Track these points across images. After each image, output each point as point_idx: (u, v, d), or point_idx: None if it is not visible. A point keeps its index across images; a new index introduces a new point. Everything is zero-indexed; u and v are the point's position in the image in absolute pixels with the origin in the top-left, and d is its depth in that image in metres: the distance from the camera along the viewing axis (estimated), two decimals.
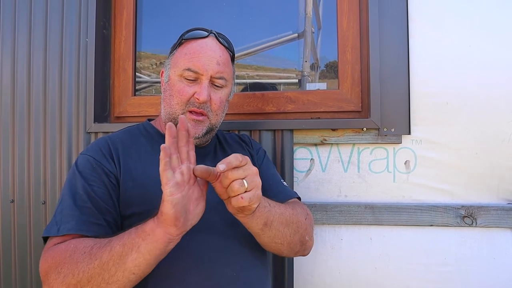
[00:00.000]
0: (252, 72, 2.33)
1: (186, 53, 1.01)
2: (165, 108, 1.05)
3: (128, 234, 0.77)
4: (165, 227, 0.73)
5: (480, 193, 1.32)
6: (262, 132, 1.39)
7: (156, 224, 0.74)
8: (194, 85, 1.00)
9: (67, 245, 0.82)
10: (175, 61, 1.04)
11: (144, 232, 0.75)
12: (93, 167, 0.94)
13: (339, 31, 1.44)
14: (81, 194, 0.90)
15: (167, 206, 0.71)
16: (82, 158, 0.97)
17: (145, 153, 1.02)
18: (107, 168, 0.94)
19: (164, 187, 0.71)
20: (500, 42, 1.30)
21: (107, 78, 1.56)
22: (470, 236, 1.31)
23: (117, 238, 0.78)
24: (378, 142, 1.35)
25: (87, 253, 0.78)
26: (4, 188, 1.54)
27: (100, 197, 0.90)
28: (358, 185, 1.37)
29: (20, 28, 1.55)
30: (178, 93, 1.01)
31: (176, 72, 1.02)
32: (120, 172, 0.95)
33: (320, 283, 1.37)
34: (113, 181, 0.93)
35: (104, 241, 0.79)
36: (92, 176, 0.92)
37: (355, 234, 1.36)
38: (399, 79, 1.33)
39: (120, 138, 1.04)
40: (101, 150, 0.97)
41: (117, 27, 1.58)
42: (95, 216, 0.88)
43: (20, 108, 1.54)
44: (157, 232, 0.74)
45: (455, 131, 1.32)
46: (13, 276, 1.53)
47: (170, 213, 0.71)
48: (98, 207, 0.89)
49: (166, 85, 1.05)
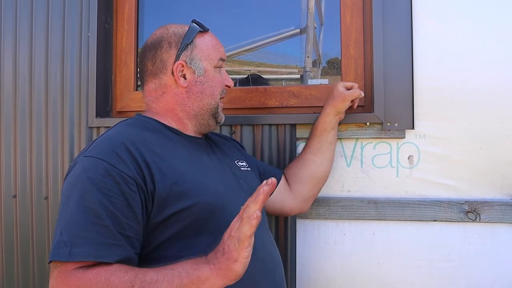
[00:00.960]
0: (253, 68, 2.32)
1: (213, 44, 1.06)
2: (204, 100, 1.04)
3: (178, 278, 0.73)
4: (226, 280, 0.73)
5: (484, 188, 1.31)
6: (265, 127, 1.38)
7: (215, 275, 0.72)
8: (221, 73, 1.08)
9: (96, 276, 0.73)
10: (205, 53, 1.04)
11: (199, 280, 0.73)
12: (108, 174, 0.80)
13: (342, 26, 1.43)
14: (96, 209, 0.77)
15: (240, 266, 0.71)
16: (91, 162, 0.83)
17: (162, 148, 0.93)
18: (125, 174, 0.81)
19: (243, 250, 0.70)
20: (505, 38, 1.29)
21: (109, 72, 1.56)
22: (474, 231, 1.30)
23: (166, 280, 0.73)
24: (382, 137, 1.34)
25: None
26: (6, 183, 1.54)
27: (119, 211, 0.79)
28: (361, 180, 1.37)
29: (21, 23, 1.55)
30: (219, 83, 1.06)
31: (211, 63, 1.04)
32: (150, 174, 0.84)
33: (323, 278, 1.37)
34: (133, 189, 0.81)
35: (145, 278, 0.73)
36: (107, 185, 0.80)
37: (358, 229, 1.36)
38: (402, 74, 1.32)
39: (135, 135, 0.92)
40: (115, 152, 0.84)
41: (118, 21, 1.58)
42: (114, 237, 0.77)
43: (21, 103, 1.54)
44: (214, 282, 0.73)
45: (459, 126, 1.31)
46: (16, 271, 1.53)
47: (240, 273, 0.72)
48: (118, 223, 0.78)
49: (201, 78, 1.03)
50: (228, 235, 0.73)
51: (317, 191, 1.28)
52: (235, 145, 1.26)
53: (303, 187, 1.25)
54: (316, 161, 1.23)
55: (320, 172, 1.25)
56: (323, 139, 1.24)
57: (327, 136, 1.24)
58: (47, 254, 1.47)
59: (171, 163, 0.90)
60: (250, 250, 0.71)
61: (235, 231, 0.72)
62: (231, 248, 0.71)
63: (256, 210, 0.69)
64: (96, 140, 0.92)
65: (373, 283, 1.34)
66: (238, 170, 1.10)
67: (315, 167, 1.24)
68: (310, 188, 1.25)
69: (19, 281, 1.52)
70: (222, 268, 0.72)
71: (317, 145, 1.24)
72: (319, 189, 1.29)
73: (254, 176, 1.16)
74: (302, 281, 1.38)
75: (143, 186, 0.83)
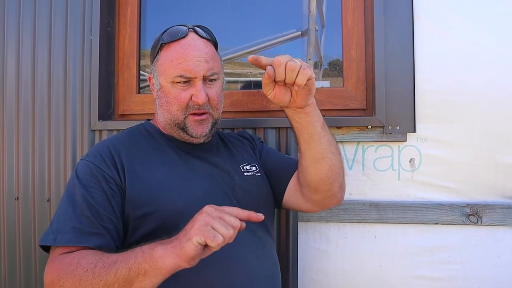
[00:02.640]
0: (254, 70, 2.32)
1: (172, 59, 0.99)
2: (163, 114, 1.04)
3: (134, 258, 0.76)
4: (177, 260, 0.73)
5: (486, 191, 1.31)
6: (267, 130, 1.39)
7: (169, 253, 0.74)
8: (189, 87, 0.99)
9: (72, 259, 0.81)
10: (162, 69, 1.01)
11: (152, 258, 0.74)
12: (92, 173, 0.92)
13: (344, 29, 1.43)
14: (80, 202, 0.89)
15: (191, 247, 0.72)
16: (82, 164, 0.96)
17: (147, 153, 1.02)
18: (107, 174, 0.93)
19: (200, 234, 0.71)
20: (505, 40, 1.30)
21: (111, 75, 1.56)
22: (475, 234, 1.31)
23: (123, 260, 0.77)
24: (383, 140, 1.35)
25: (89, 271, 0.78)
26: (9, 185, 1.55)
27: (99, 204, 0.89)
28: (362, 183, 1.37)
29: (24, 26, 1.55)
30: (175, 100, 1.00)
31: (167, 79, 1.00)
32: (124, 176, 0.94)
33: (325, 281, 1.37)
34: (113, 187, 0.92)
35: (108, 259, 0.79)
36: (91, 183, 0.91)
37: (360, 232, 1.36)
38: (404, 77, 1.33)
39: (121, 141, 1.03)
40: (100, 155, 0.96)
41: (121, 24, 1.58)
42: (94, 226, 0.87)
43: (24, 106, 1.54)
44: (167, 261, 0.74)
45: (460, 129, 1.31)
46: (18, 272, 1.53)
47: (191, 254, 0.72)
48: (98, 215, 0.88)
49: (159, 93, 1.04)
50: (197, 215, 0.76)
51: (322, 196, 1.06)
52: (249, 144, 1.20)
53: (306, 191, 1.08)
54: (303, 164, 1.03)
55: (309, 176, 1.03)
56: (299, 140, 1.02)
57: (298, 135, 1.01)
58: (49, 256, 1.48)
59: (149, 168, 0.97)
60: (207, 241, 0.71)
61: (205, 217, 0.74)
62: (191, 227, 0.73)
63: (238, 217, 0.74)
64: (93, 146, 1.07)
65: (374, 285, 1.34)
66: (240, 176, 1.08)
67: (304, 171, 1.04)
68: (312, 193, 1.07)
69: (21, 282, 1.53)
70: (176, 246, 0.74)
71: (300, 147, 1.03)
72: (324, 194, 1.06)
73: (260, 181, 1.11)
74: (303, 283, 1.38)
75: (121, 185, 0.93)
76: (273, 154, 1.21)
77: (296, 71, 0.83)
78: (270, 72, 0.84)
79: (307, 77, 0.84)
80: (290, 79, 0.85)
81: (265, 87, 0.90)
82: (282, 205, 1.14)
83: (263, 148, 1.22)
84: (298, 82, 0.84)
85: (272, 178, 1.13)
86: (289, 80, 0.85)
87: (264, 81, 0.88)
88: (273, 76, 0.85)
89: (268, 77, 0.85)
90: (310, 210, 1.13)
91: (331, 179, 1.02)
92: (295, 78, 0.84)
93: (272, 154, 1.21)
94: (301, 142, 1.00)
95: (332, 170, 1.01)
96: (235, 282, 0.92)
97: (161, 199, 0.93)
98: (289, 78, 0.85)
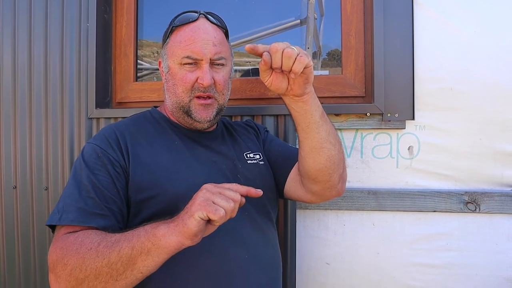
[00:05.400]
0: (253, 60, 2.30)
1: (181, 40, 1.01)
2: (170, 97, 1.05)
3: (137, 237, 0.77)
4: (180, 237, 0.74)
5: (484, 179, 1.31)
6: (265, 117, 1.38)
7: (171, 231, 0.74)
8: (196, 70, 1.00)
9: (76, 238, 0.82)
10: (171, 51, 1.03)
11: (155, 236, 0.75)
12: (98, 156, 0.94)
13: (343, 16, 1.42)
14: (86, 184, 0.90)
15: (194, 223, 0.72)
16: (88, 147, 0.97)
17: (151, 139, 1.02)
18: (112, 157, 0.94)
19: (203, 209, 0.72)
20: (505, 29, 1.29)
21: (108, 63, 1.55)
22: (473, 222, 1.31)
23: (126, 239, 0.77)
24: (382, 128, 1.34)
25: (93, 249, 0.78)
26: (7, 174, 1.54)
27: (104, 186, 0.90)
28: (361, 171, 1.37)
29: (20, 13, 1.54)
30: (181, 81, 1.01)
31: (175, 61, 1.02)
32: (128, 160, 0.95)
33: (323, 268, 1.38)
34: (118, 170, 0.93)
35: (111, 239, 0.79)
36: (97, 165, 0.92)
37: (358, 219, 1.36)
38: (403, 64, 1.32)
39: (127, 126, 1.04)
40: (106, 139, 0.97)
41: (118, 11, 1.57)
42: (99, 207, 0.88)
43: (21, 94, 1.53)
44: (170, 239, 0.74)
45: (459, 117, 1.31)
46: (17, 260, 1.53)
47: (193, 230, 0.72)
48: (103, 196, 0.89)
49: (167, 75, 1.05)
50: (197, 192, 0.77)
51: (321, 186, 1.04)
52: (253, 133, 1.21)
53: (306, 182, 1.06)
54: (301, 153, 1.01)
55: (307, 165, 1.01)
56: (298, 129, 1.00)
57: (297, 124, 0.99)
58: (48, 244, 1.48)
59: (153, 152, 0.99)
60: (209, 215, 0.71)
61: (205, 193, 0.75)
62: (192, 204, 0.74)
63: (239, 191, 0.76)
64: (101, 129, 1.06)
65: (372, 273, 1.35)
66: (243, 163, 1.08)
67: (302, 160, 1.02)
68: (311, 183, 1.04)
69: (20, 270, 1.53)
70: (178, 224, 0.74)
71: (299, 136, 1.02)
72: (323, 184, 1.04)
73: (263, 169, 1.11)
74: (302, 271, 1.38)
75: (126, 168, 0.94)
76: (276, 143, 1.21)
77: (293, 58, 0.82)
78: (267, 58, 0.83)
79: (303, 65, 0.83)
80: (286, 66, 0.83)
81: (262, 73, 0.89)
82: (284, 194, 1.14)
83: (267, 137, 1.23)
84: (294, 70, 0.83)
85: (275, 168, 1.14)
86: (285, 67, 0.83)
87: (261, 67, 0.86)
88: (270, 62, 0.84)
89: (264, 64, 0.84)
90: (311, 201, 1.11)
91: (329, 169, 1.00)
92: (291, 65, 0.83)
93: (276, 144, 1.20)
94: (299, 131, 0.99)
95: (331, 161, 0.99)
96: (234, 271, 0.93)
97: (163, 184, 0.94)
98: (286, 65, 0.83)
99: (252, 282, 0.95)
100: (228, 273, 0.92)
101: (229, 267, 0.92)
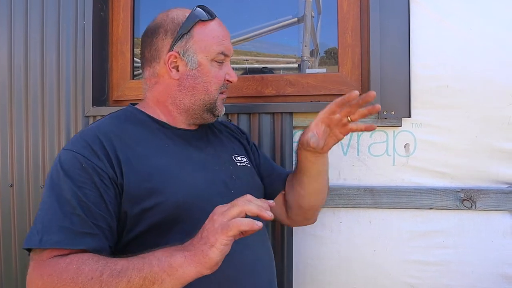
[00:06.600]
0: (251, 58, 2.30)
1: (214, 36, 0.97)
2: (195, 95, 0.98)
3: (149, 266, 0.70)
4: (200, 268, 0.69)
5: (480, 176, 1.31)
6: (261, 115, 1.38)
7: (189, 261, 0.69)
8: (222, 67, 1.01)
9: (68, 264, 0.72)
10: (203, 45, 0.97)
11: (170, 267, 0.70)
12: (82, 166, 0.81)
13: (339, 13, 1.42)
14: (69, 199, 0.78)
15: (216, 253, 0.68)
16: (67, 154, 0.84)
17: (141, 141, 0.93)
18: (98, 167, 0.82)
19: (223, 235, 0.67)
20: (501, 26, 1.29)
21: (105, 61, 1.55)
22: (469, 219, 1.31)
23: (135, 268, 0.71)
24: (378, 125, 1.33)
25: (95, 279, 0.70)
26: (3, 172, 1.54)
27: (92, 202, 0.79)
28: (357, 168, 1.37)
29: (16, 11, 1.53)
30: (216, 79, 0.99)
31: (208, 57, 0.97)
32: (120, 170, 0.84)
33: (320, 266, 1.38)
34: (105, 182, 0.82)
35: (115, 267, 0.71)
36: (81, 178, 0.81)
37: (354, 217, 1.36)
38: (399, 62, 1.32)
39: (110, 128, 0.92)
40: (89, 146, 0.85)
41: (114, 9, 1.56)
42: (87, 225, 0.77)
43: (17, 92, 1.53)
44: (188, 269, 0.69)
45: (455, 114, 1.31)
46: (13, 259, 1.53)
47: (216, 260, 0.69)
48: (90, 213, 0.78)
49: (194, 72, 0.97)
50: (209, 219, 0.72)
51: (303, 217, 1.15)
52: (241, 137, 1.20)
53: (292, 211, 1.13)
54: (300, 192, 1.07)
55: (305, 203, 1.09)
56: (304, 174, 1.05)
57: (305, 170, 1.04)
58: None
59: (145, 158, 0.89)
60: (231, 239, 0.68)
61: (218, 215, 0.71)
62: (209, 233, 0.69)
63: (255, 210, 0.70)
64: (78, 133, 0.94)
65: (369, 270, 1.35)
66: (234, 166, 1.05)
67: (300, 198, 1.08)
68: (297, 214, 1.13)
69: (17, 269, 1.53)
70: (197, 254, 0.69)
71: (301, 177, 1.06)
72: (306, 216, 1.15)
73: (252, 172, 1.11)
74: (298, 268, 1.38)
75: (115, 180, 0.83)
76: (269, 160, 1.25)
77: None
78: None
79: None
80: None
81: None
82: None
83: (258, 151, 1.23)
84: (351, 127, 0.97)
85: (265, 184, 1.14)
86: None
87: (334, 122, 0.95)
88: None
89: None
90: (286, 224, 1.23)
91: (320, 206, 1.15)
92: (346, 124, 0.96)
93: (269, 161, 1.25)
94: (307, 176, 1.04)
95: (324, 200, 1.13)
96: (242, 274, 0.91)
97: (162, 192, 0.86)
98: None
99: (258, 283, 0.94)
100: (236, 277, 0.89)
101: (237, 271, 0.89)
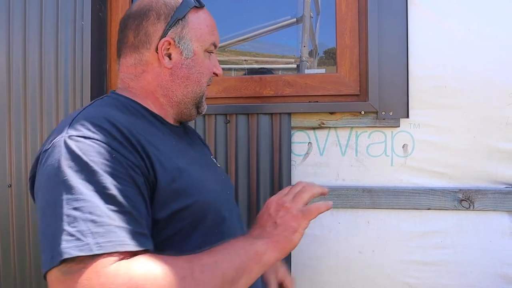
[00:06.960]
0: (250, 58, 2.30)
1: (207, 24, 0.91)
2: (188, 86, 0.90)
3: (237, 256, 0.68)
4: (282, 253, 0.73)
5: (478, 176, 1.32)
6: (260, 116, 1.38)
7: (272, 248, 0.72)
8: (211, 58, 0.94)
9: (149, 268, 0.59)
10: (199, 34, 0.89)
11: (257, 254, 0.70)
12: (113, 157, 0.66)
13: (338, 14, 1.42)
14: (112, 194, 0.63)
15: (299, 237, 0.74)
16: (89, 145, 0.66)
17: (154, 137, 0.80)
18: (130, 160, 0.68)
19: (305, 220, 0.75)
20: (499, 26, 1.29)
21: (103, 62, 1.55)
22: (467, 219, 1.32)
23: (225, 260, 0.67)
24: (376, 126, 1.35)
25: (188, 277, 0.61)
26: (2, 173, 1.54)
27: (134, 198, 0.66)
28: (356, 169, 1.37)
29: (14, 11, 1.53)
30: (208, 70, 0.93)
31: (203, 46, 0.90)
32: (151, 164, 0.72)
33: (318, 266, 1.38)
34: (140, 178, 0.69)
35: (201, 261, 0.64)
36: (116, 171, 0.65)
37: (353, 217, 1.36)
38: (397, 63, 1.32)
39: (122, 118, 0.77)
40: (110, 134, 0.69)
41: (113, 10, 1.56)
42: (139, 225, 0.64)
43: (16, 94, 1.53)
44: (271, 256, 0.72)
45: (454, 115, 1.31)
46: (12, 259, 1.53)
47: (297, 244, 0.74)
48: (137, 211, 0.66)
49: (189, 61, 0.89)
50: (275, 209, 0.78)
51: None
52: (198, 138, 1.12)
53: None
54: None
55: None
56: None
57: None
58: None
59: (167, 155, 0.77)
60: (311, 217, 0.75)
61: (290, 203, 0.77)
62: (287, 219, 0.75)
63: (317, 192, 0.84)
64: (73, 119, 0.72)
65: (367, 270, 1.35)
66: (217, 166, 1.04)
67: None
68: None
69: (15, 269, 1.53)
70: (280, 240, 0.73)
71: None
72: None
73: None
74: (297, 269, 1.38)
75: (148, 176, 0.71)
76: None
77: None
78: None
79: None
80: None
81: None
82: None
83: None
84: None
85: None
86: None
87: None
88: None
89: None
90: None
91: None
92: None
93: None
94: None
95: None
96: None
97: (191, 194, 0.77)
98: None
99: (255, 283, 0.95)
100: None
101: None
